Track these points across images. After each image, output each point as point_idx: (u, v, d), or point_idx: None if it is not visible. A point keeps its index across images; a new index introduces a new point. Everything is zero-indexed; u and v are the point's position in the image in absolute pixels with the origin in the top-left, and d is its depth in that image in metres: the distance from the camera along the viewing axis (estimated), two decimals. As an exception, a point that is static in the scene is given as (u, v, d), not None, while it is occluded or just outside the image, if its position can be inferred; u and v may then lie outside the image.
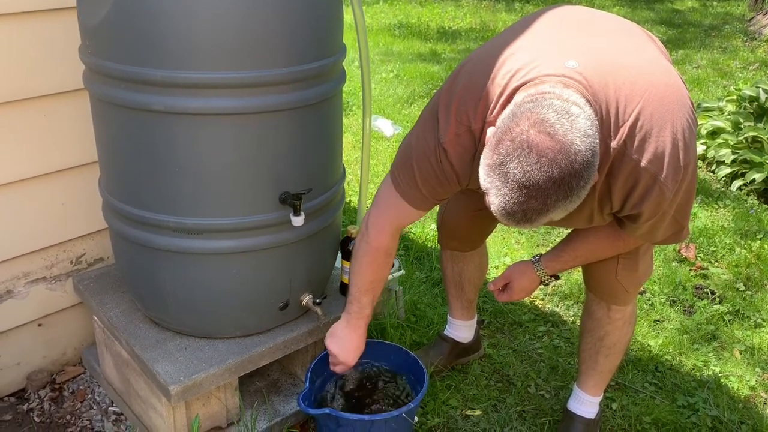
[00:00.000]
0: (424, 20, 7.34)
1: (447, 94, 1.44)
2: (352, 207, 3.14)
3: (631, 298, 1.75)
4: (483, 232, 1.99)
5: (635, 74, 1.32)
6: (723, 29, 7.16)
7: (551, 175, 1.15)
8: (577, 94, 1.24)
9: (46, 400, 2.02)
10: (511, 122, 1.20)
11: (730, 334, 2.44)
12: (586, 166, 1.18)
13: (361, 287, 1.72)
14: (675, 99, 1.32)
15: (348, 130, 4.08)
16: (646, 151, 1.29)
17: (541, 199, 1.17)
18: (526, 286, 1.70)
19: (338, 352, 1.75)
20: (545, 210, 1.19)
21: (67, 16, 1.76)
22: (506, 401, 2.09)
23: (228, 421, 1.83)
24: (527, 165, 1.16)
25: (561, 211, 1.22)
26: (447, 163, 1.44)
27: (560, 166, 1.15)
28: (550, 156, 1.15)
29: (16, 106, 1.79)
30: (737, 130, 3.71)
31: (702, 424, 2.02)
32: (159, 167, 1.58)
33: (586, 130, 1.18)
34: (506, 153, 1.18)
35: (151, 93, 1.49)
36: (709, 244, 3.00)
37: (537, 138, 1.16)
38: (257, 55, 1.49)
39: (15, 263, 1.93)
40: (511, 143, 1.18)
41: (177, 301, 1.73)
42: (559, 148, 1.15)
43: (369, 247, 1.67)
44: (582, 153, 1.17)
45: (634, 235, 1.49)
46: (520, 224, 1.23)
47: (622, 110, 1.28)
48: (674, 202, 1.37)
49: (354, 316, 1.74)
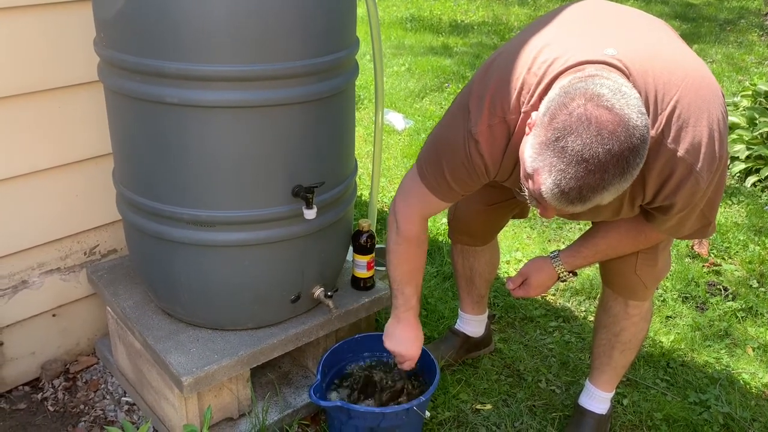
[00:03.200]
0: (437, 13, 7.31)
1: (479, 86, 1.42)
2: (363, 200, 3.14)
3: (649, 293, 1.74)
4: (494, 228, 1.99)
5: (672, 64, 1.32)
6: (738, 24, 7.08)
7: (611, 148, 1.13)
8: (622, 78, 1.24)
9: (60, 390, 2.04)
10: (565, 98, 1.19)
11: (743, 331, 2.43)
12: (642, 142, 1.17)
13: (401, 279, 1.72)
14: (710, 90, 1.32)
15: (359, 124, 4.07)
16: (683, 140, 1.28)
17: (599, 174, 1.15)
18: (543, 282, 1.69)
19: (397, 348, 1.76)
20: (601, 187, 1.16)
21: (82, 8, 1.77)
22: (517, 396, 2.09)
23: (239, 412, 1.84)
24: (587, 137, 1.14)
25: (614, 191, 1.19)
26: (477, 155, 1.43)
27: (620, 140, 1.14)
28: (610, 128, 1.13)
29: (31, 98, 1.80)
30: (752, 125, 3.68)
31: (714, 421, 2.01)
32: (173, 159, 1.59)
33: (639, 107, 1.18)
34: (563, 127, 1.16)
35: (166, 85, 1.50)
36: (723, 240, 2.98)
37: (596, 111, 1.14)
38: (271, 48, 1.49)
39: (30, 254, 1.94)
40: (568, 116, 1.16)
41: (190, 293, 1.74)
42: (618, 120, 1.14)
43: (400, 238, 1.68)
44: (639, 128, 1.16)
45: (662, 228, 1.48)
46: (572, 203, 1.19)
47: (660, 99, 1.28)
48: (705, 194, 1.36)
49: (401, 309, 1.74)
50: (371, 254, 1.95)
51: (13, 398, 2.02)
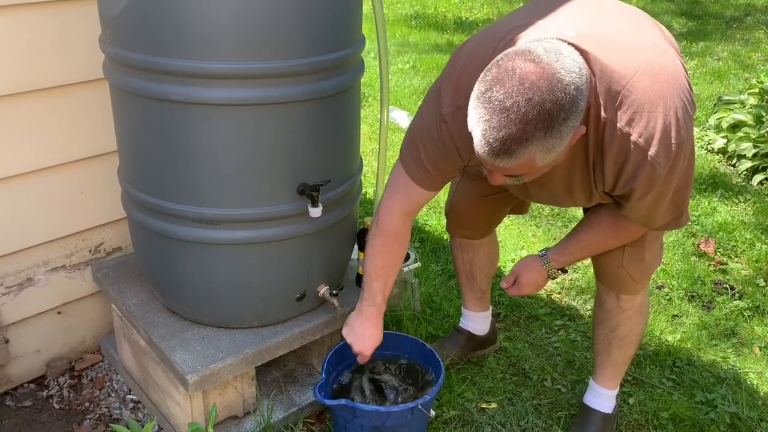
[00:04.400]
0: (441, 11, 7.29)
1: (450, 68, 1.46)
2: (368, 198, 3.13)
3: (639, 287, 1.74)
4: (491, 220, 2.00)
5: (631, 51, 1.33)
6: (745, 21, 7.05)
7: (531, 98, 1.16)
8: (571, 49, 1.25)
9: (65, 387, 2.05)
10: (500, 56, 1.23)
11: (750, 330, 2.41)
12: (571, 101, 1.18)
13: (371, 273, 1.71)
14: (669, 78, 1.32)
15: (364, 122, 4.06)
16: (636, 124, 1.29)
17: (521, 124, 1.16)
18: (534, 280, 1.70)
19: (353, 341, 1.75)
20: (524, 139, 1.18)
21: (86, 5, 1.77)
22: (522, 395, 2.08)
23: (244, 410, 1.84)
24: (510, 87, 1.17)
25: (541, 148, 1.20)
26: (448, 136, 1.46)
27: (541, 90, 1.16)
28: (532, 79, 1.16)
29: (36, 96, 1.80)
30: (759, 123, 3.66)
31: (720, 421, 2.00)
32: (178, 157, 1.58)
33: (571, 66, 1.19)
34: (491, 80, 1.20)
35: (171, 83, 1.50)
36: (729, 239, 2.96)
37: (522, 64, 1.18)
38: (277, 45, 1.49)
39: (35, 251, 1.94)
40: (497, 70, 1.20)
41: (195, 291, 1.73)
42: (541, 72, 1.17)
43: (378, 230, 1.68)
44: (566, 84, 1.17)
45: (633, 217, 1.49)
46: (499, 156, 1.21)
47: (615, 82, 1.28)
48: (669, 182, 1.37)
49: (365, 303, 1.74)
50: (376, 252, 1.95)
51: (19, 396, 2.02)
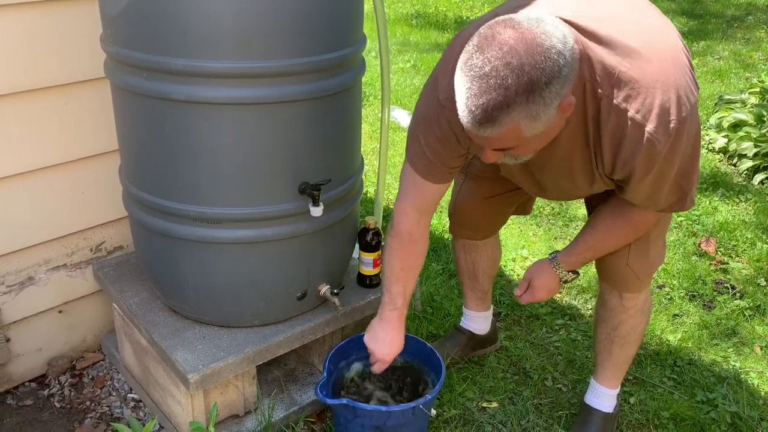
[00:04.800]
0: (442, 10, 7.29)
1: (446, 57, 1.45)
2: (369, 198, 3.13)
3: (643, 285, 1.74)
4: (494, 221, 1.99)
5: (630, 29, 1.31)
6: (746, 20, 7.04)
7: (510, 62, 1.14)
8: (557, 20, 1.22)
9: (66, 386, 2.05)
10: (483, 26, 1.22)
11: (751, 330, 2.41)
12: (550, 63, 1.15)
13: (389, 276, 1.70)
14: (669, 57, 1.31)
15: (365, 121, 4.06)
16: (634, 100, 1.26)
17: (502, 89, 1.15)
18: (546, 284, 1.69)
19: (373, 347, 1.74)
20: (506, 105, 1.16)
21: (88, 4, 1.77)
22: (523, 394, 2.09)
23: (245, 409, 1.84)
24: (489, 53, 1.16)
25: (524, 115, 1.18)
26: (446, 121, 1.45)
27: (520, 54, 1.14)
28: (511, 43, 1.15)
29: (37, 95, 1.80)
30: (760, 122, 3.65)
31: (721, 420, 2.00)
32: (179, 156, 1.58)
33: (553, 32, 1.17)
34: (472, 47, 1.20)
35: (172, 82, 1.50)
36: (730, 238, 2.96)
37: (502, 30, 1.17)
38: (278, 45, 1.49)
39: (36, 250, 1.94)
40: (478, 39, 1.20)
41: (196, 290, 1.73)
42: (520, 37, 1.15)
43: (393, 232, 1.67)
44: (545, 47, 1.15)
45: (636, 200, 1.46)
46: (482, 125, 1.20)
47: (612, 59, 1.26)
48: (671, 162, 1.34)
49: (385, 308, 1.72)
50: (377, 252, 1.95)
51: (20, 394, 2.02)
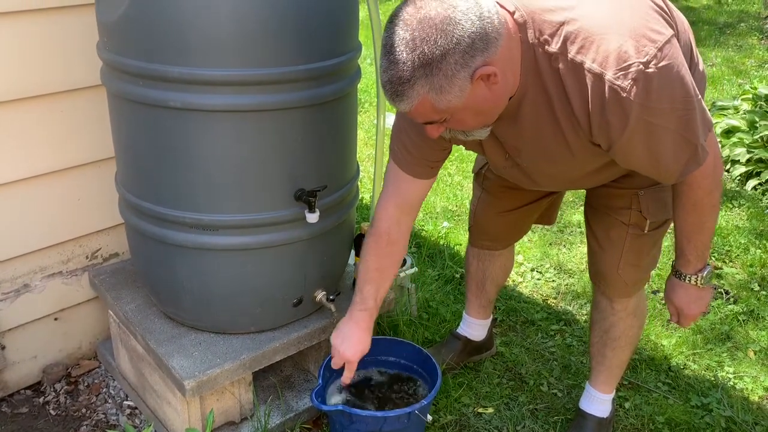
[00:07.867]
0: (437, 17, 7.31)
1: None
2: (365, 204, 3.14)
3: (631, 291, 1.75)
4: (515, 233, 2.01)
5: None
6: (738, 27, 7.09)
7: (404, 36, 1.19)
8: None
9: (61, 394, 2.04)
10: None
11: (745, 335, 2.43)
12: (444, 36, 1.16)
13: (364, 276, 1.68)
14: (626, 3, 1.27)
15: (360, 127, 4.08)
16: (588, 50, 1.22)
17: (401, 64, 1.19)
18: (689, 301, 1.58)
19: (338, 344, 1.69)
20: (406, 79, 1.19)
21: (84, 12, 1.77)
22: (518, 399, 2.09)
23: (242, 416, 1.84)
24: (390, 30, 1.22)
25: (431, 89, 1.19)
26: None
27: (412, 27, 1.18)
28: (405, 18, 1.20)
29: (33, 102, 1.80)
30: (753, 129, 3.68)
31: (716, 425, 2.01)
32: (175, 163, 1.59)
33: (460, 4, 1.17)
34: (385, 25, 1.25)
35: (169, 89, 1.50)
36: (724, 243, 2.98)
37: (406, 8, 1.21)
38: (274, 52, 1.50)
39: (32, 258, 1.94)
40: (389, 16, 1.25)
41: (192, 297, 1.74)
42: (414, 12, 1.19)
43: (372, 230, 1.67)
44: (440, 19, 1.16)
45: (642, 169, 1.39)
46: (394, 100, 1.24)
47: (559, 15, 1.24)
48: (655, 111, 1.23)
49: (356, 307, 1.70)
50: (373, 258, 1.95)
51: (15, 402, 2.02)
